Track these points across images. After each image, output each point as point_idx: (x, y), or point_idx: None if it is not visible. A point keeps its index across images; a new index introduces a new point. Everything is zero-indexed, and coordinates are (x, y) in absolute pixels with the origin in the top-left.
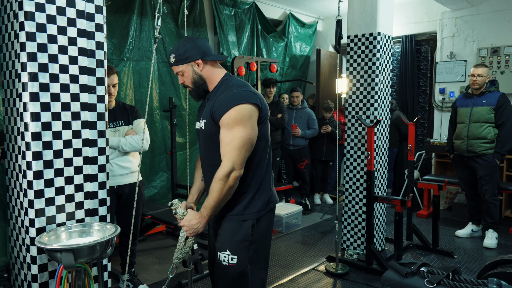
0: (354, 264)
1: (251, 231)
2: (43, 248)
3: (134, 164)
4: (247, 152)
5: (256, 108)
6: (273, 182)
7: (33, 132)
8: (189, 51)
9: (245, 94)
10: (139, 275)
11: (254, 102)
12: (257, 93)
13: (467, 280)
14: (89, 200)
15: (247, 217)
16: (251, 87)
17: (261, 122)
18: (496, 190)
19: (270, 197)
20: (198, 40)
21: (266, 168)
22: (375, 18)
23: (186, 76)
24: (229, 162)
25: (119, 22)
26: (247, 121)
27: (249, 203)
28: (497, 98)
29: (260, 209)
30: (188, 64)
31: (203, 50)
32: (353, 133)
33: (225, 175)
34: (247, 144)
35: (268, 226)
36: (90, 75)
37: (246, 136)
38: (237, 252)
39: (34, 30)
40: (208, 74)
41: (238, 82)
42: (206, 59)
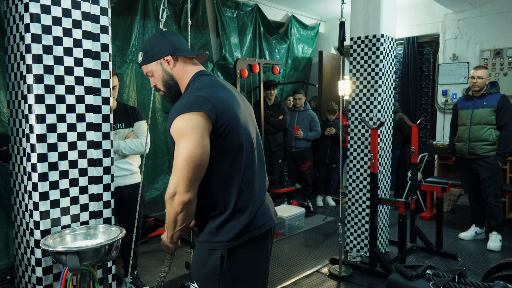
0: (358, 266)
1: (219, 263)
2: (48, 251)
3: (133, 165)
4: (191, 173)
5: (205, 118)
6: (259, 201)
7: (38, 134)
8: (157, 47)
9: (192, 101)
10: (141, 277)
11: (199, 110)
12: (217, 96)
13: (473, 283)
14: (93, 202)
15: (214, 246)
16: (213, 89)
17: (221, 133)
18: (499, 192)
19: (250, 222)
20: (169, 34)
21: (243, 187)
22: (378, 20)
23: (156, 77)
24: (172, 184)
25: (122, 24)
26: (190, 135)
27: (218, 229)
28: (498, 100)
29: (233, 237)
30: (157, 62)
31: (174, 44)
32: (356, 135)
33: (169, 197)
34: (190, 163)
35: (250, 259)
36: (95, 77)
37: (188, 153)
38: (205, 286)
39: (39, 32)
40: (179, 73)
41: (199, 84)
42: (176, 55)
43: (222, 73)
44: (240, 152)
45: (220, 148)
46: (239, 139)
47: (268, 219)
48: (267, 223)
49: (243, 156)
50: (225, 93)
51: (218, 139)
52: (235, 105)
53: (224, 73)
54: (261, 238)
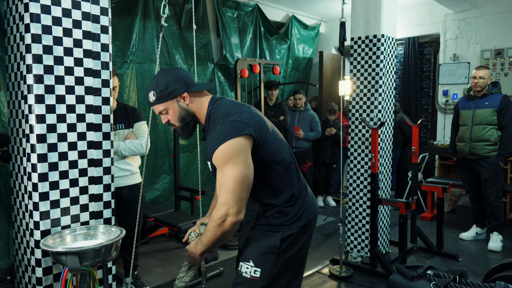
0: (358, 267)
1: (279, 243)
2: (48, 251)
3: (133, 166)
4: (243, 192)
5: (246, 138)
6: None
7: (38, 134)
8: (172, 85)
9: (228, 127)
10: (142, 278)
11: (240, 134)
12: (246, 116)
13: (474, 283)
14: (94, 202)
15: (277, 228)
16: (238, 110)
17: (263, 144)
18: (501, 192)
19: (305, 209)
20: (178, 70)
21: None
22: (378, 20)
23: (172, 114)
24: (224, 206)
25: (122, 24)
26: (237, 158)
27: (279, 216)
28: (499, 100)
29: (293, 222)
30: (172, 100)
31: (186, 81)
32: (356, 135)
33: (220, 218)
34: (241, 184)
35: (301, 241)
36: (95, 77)
37: (238, 175)
38: (261, 265)
39: (39, 32)
40: (196, 107)
41: (221, 111)
42: (191, 90)
43: (223, 73)
44: (282, 153)
45: (266, 157)
46: (276, 142)
47: (316, 207)
48: (315, 210)
49: (285, 156)
50: (248, 109)
51: (261, 150)
52: (261, 117)
53: (224, 73)
54: (312, 223)
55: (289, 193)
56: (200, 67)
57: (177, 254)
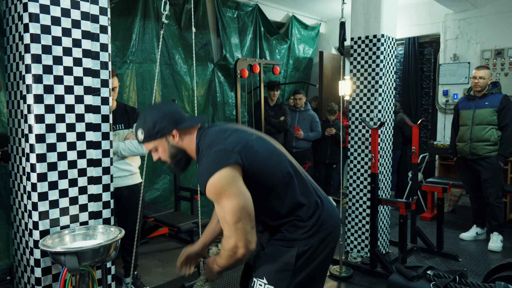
0: (358, 267)
1: (294, 260)
2: (47, 251)
3: (133, 166)
4: (246, 223)
5: (233, 168)
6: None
7: (37, 134)
8: (160, 123)
9: (212, 159)
10: (142, 278)
11: (225, 164)
12: (232, 139)
13: (474, 283)
14: (93, 202)
15: (292, 244)
16: (221, 137)
17: (256, 169)
18: (501, 192)
19: (322, 223)
20: (166, 106)
21: (305, 197)
22: (378, 20)
23: (162, 152)
24: (232, 239)
25: (122, 24)
26: (228, 190)
27: (294, 230)
28: (499, 100)
29: (309, 236)
30: (161, 139)
31: (175, 117)
32: (356, 135)
33: (231, 250)
34: (240, 216)
35: (320, 256)
36: (94, 77)
37: (235, 208)
38: (275, 282)
39: (38, 32)
40: (186, 143)
41: (206, 141)
42: (180, 127)
43: (223, 73)
44: (279, 171)
45: (262, 181)
46: (271, 161)
47: (337, 216)
48: (337, 219)
49: (283, 172)
50: (234, 133)
51: (254, 175)
52: (247, 136)
53: (224, 74)
54: (333, 235)
55: (300, 207)
56: (200, 67)
57: (177, 254)
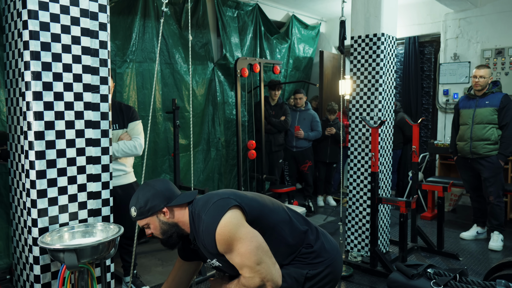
0: (358, 266)
1: (303, 280)
2: (45, 248)
3: (126, 166)
4: (267, 260)
5: (235, 210)
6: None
7: (36, 131)
8: (151, 201)
9: (212, 211)
10: (141, 277)
11: (226, 210)
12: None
13: (474, 282)
14: (92, 200)
15: (302, 267)
16: (212, 198)
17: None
18: (501, 192)
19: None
20: (158, 184)
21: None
22: (379, 19)
23: (154, 228)
24: (258, 279)
25: (122, 23)
26: (239, 233)
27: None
28: (500, 99)
29: (319, 261)
30: (152, 216)
31: (166, 195)
32: (356, 134)
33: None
34: (259, 254)
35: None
36: (93, 74)
37: (252, 248)
38: None
39: (37, 29)
40: (179, 217)
41: (199, 206)
42: (171, 205)
43: (223, 72)
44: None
45: (267, 222)
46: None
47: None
48: (337, 249)
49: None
50: (223, 191)
51: (257, 219)
52: (235, 191)
53: (224, 73)
54: (337, 264)
55: (304, 233)
56: (200, 67)
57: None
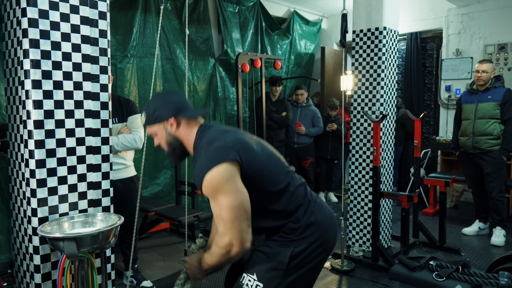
0: (360, 261)
1: (287, 260)
2: (45, 237)
3: (126, 159)
4: (242, 221)
5: (231, 164)
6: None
7: (35, 120)
8: (159, 110)
9: (212, 156)
10: (143, 272)
11: (224, 159)
12: (232, 139)
13: (477, 273)
14: (92, 190)
15: (287, 244)
16: (221, 136)
17: (255, 170)
18: (504, 187)
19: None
20: (171, 95)
21: (298, 198)
22: (381, 13)
23: (160, 138)
24: (226, 237)
25: (123, 18)
26: (226, 187)
27: (290, 232)
28: (502, 94)
29: (304, 237)
30: (160, 124)
31: (176, 106)
32: (358, 129)
33: (224, 248)
34: (237, 212)
35: (313, 258)
36: (93, 64)
37: (232, 204)
38: (265, 280)
39: (36, 17)
40: (184, 134)
41: (206, 139)
42: (179, 117)
43: (224, 68)
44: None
45: (259, 183)
46: (269, 164)
47: (331, 217)
48: (331, 220)
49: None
50: (234, 134)
51: (252, 176)
52: (247, 139)
53: (225, 68)
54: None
55: (297, 208)
56: (201, 62)
57: (178, 249)
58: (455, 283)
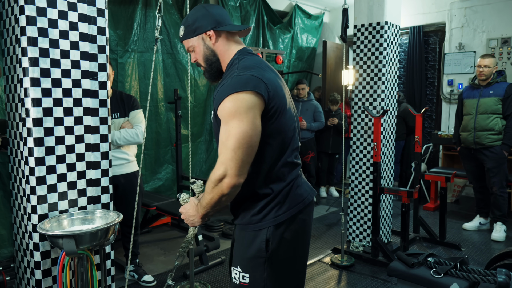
0: (360, 256)
1: (264, 246)
2: (45, 235)
3: (129, 154)
4: (245, 154)
5: (259, 98)
6: (299, 178)
7: (34, 118)
8: (199, 21)
9: (244, 79)
10: (144, 266)
11: (254, 89)
12: (268, 77)
13: (475, 270)
14: (91, 187)
15: (259, 226)
16: (262, 69)
17: (272, 114)
18: (504, 182)
19: (292, 199)
20: (212, 7)
21: (288, 169)
22: (382, 7)
23: (198, 52)
24: (222, 166)
25: (123, 13)
26: (244, 115)
27: (261, 210)
28: (504, 89)
29: (277, 216)
30: (198, 37)
31: (216, 18)
32: (359, 124)
33: (217, 179)
34: (244, 144)
35: (293, 238)
36: (91, 61)
37: (241, 134)
38: (249, 270)
39: (34, 14)
40: (222, 49)
41: (245, 63)
42: (219, 29)
43: None
44: (287, 135)
45: (270, 130)
46: (287, 122)
47: (309, 191)
48: (309, 195)
49: (290, 139)
50: (273, 74)
51: (269, 120)
52: (283, 88)
53: None
54: (305, 213)
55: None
56: None
57: (179, 243)
58: (453, 280)
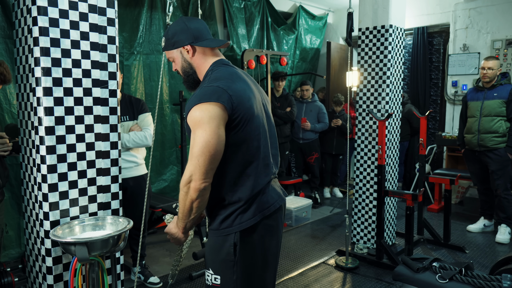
0: (364, 258)
1: (232, 250)
2: (57, 241)
3: (138, 157)
4: (207, 162)
5: (221, 109)
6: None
7: (46, 126)
8: (178, 35)
9: (210, 91)
10: (150, 267)
11: (217, 101)
12: (234, 88)
13: (480, 276)
14: (102, 193)
15: (227, 231)
16: (230, 80)
17: (236, 124)
18: (509, 184)
19: (260, 205)
20: (191, 22)
21: (256, 176)
22: (387, 10)
23: (177, 63)
24: (188, 171)
25: (129, 15)
26: (207, 124)
27: (229, 216)
28: (508, 91)
29: (244, 221)
30: (177, 50)
31: (194, 34)
32: (363, 126)
33: (184, 184)
34: (206, 152)
35: (261, 243)
36: (102, 70)
37: (204, 142)
38: (220, 272)
39: (47, 25)
40: (198, 62)
41: (217, 75)
42: (196, 45)
43: None
44: (253, 144)
45: (234, 139)
46: (253, 131)
47: (276, 198)
48: (276, 202)
49: (256, 148)
50: (242, 85)
51: (232, 130)
52: (251, 97)
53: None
54: (271, 219)
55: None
56: None
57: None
58: (458, 285)
